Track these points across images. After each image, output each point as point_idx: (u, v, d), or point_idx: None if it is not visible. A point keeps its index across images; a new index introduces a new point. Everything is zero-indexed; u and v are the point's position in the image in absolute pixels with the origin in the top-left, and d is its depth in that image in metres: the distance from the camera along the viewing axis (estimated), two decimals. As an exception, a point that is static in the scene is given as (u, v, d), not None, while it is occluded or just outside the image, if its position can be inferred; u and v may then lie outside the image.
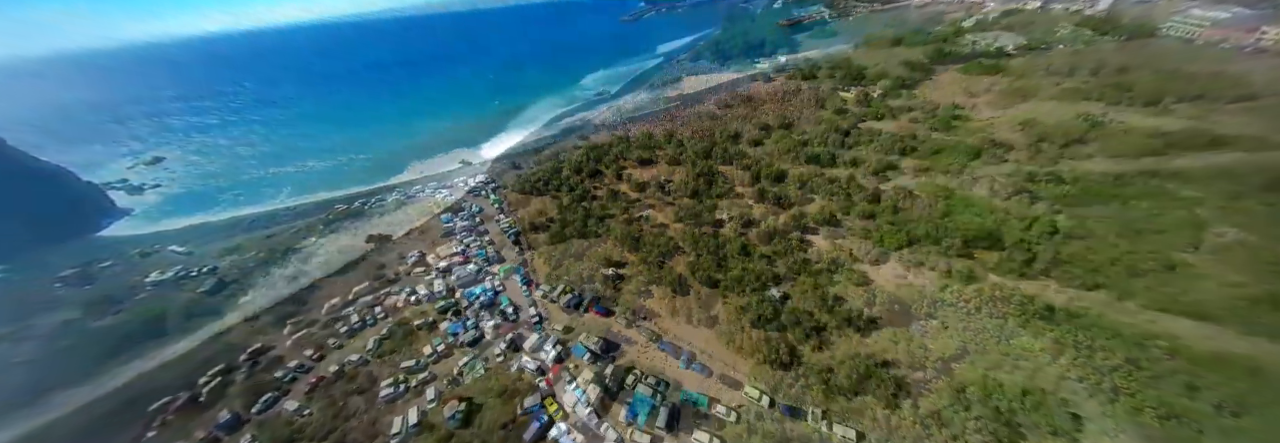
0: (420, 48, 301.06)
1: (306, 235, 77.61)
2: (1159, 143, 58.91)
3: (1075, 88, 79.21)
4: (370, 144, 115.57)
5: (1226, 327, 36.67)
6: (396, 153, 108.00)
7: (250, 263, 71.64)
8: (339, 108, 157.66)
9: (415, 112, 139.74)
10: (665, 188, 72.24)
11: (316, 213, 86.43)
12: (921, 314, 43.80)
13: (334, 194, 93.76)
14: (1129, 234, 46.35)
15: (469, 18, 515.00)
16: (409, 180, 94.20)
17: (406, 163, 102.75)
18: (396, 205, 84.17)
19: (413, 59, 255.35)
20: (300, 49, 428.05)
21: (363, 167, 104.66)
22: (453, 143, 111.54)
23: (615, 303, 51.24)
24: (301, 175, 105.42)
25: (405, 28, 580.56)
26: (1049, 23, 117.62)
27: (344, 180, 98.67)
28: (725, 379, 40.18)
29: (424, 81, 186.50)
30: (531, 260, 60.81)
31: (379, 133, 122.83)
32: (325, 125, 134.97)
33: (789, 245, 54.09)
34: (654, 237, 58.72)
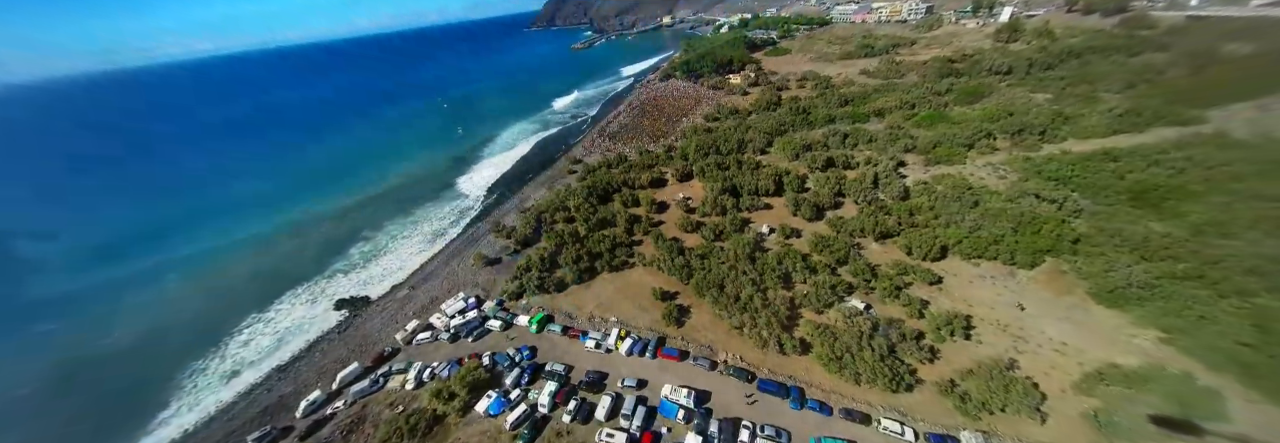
0: (351, 80, 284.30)
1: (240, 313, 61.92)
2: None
3: (837, 49, 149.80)
4: (324, 194, 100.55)
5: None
6: (359, 199, 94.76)
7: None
8: (248, 160, 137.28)
9: (371, 154, 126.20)
10: (690, 207, 69.52)
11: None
12: (1007, 304, 43.52)
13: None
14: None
15: (399, 49, 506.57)
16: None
17: (369, 208, 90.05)
18: (365, 258, 72.13)
19: (345, 94, 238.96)
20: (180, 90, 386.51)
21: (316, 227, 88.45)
22: (425, 180, 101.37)
23: (684, 341, 45.55)
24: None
25: (331, 58, 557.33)
26: (775, 23, 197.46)
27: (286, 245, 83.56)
28: (850, 415, 35.70)
29: (371, 118, 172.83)
30: (563, 305, 53.42)
31: (333, 180, 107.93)
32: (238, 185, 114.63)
33: (847, 252, 52.82)
34: (696, 259, 54.73)
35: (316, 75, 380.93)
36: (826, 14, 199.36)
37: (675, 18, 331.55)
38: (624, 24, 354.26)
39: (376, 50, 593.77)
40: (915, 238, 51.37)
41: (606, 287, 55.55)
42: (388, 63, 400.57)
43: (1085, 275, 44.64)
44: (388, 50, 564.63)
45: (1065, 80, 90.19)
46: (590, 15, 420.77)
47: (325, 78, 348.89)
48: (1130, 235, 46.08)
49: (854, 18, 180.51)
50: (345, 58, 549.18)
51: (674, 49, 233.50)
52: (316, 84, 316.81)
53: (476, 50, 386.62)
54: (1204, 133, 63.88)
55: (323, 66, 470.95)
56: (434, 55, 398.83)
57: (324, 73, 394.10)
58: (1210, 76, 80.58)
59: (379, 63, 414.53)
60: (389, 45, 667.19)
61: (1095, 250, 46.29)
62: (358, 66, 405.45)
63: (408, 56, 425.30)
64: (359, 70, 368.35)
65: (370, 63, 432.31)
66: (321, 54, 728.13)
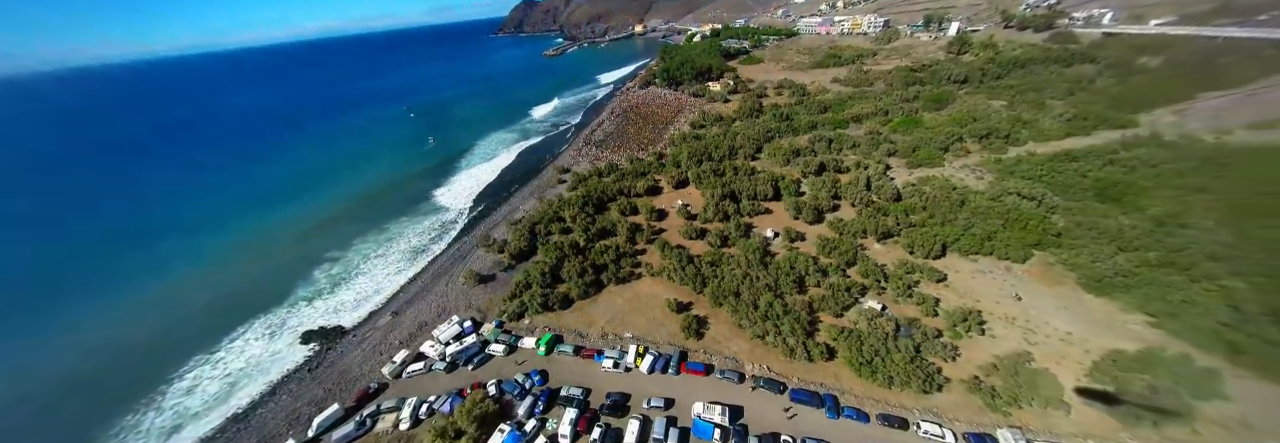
0: (305, 86, 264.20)
1: (183, 355, 53.08)
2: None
3: (807, 59, 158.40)
4: (281, 211, 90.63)
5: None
6: (324, 217, 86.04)
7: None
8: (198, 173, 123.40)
9: (334, 166, 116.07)
10: (691, 213, 68.93)
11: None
12: (1009, 297, 45.72)
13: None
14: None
15: (353, 54, 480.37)
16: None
17: (339, 229, 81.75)
18: (333, 282, 64.98)
19: (300, 100, 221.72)
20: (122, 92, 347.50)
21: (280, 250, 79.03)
22: (397, 194, 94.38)
23: (707, 354, 43.95)
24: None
25: (281, 62, 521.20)
26: (746, 33, 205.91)
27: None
28: (888, 420, 35.36)
29: (332, 127, 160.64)
30: (571, 323, 50.33)
31: (291, 195, 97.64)
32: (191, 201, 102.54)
33: (854, 254, 53.89)
34: (707, 267, 53.78)
35: (266, 80, 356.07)
36: (793, 26, 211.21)
37: (647, 26, 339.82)
38: (596, 32, 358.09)
39: (327, 55, 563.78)
40: (918, 237, 53.35)
41: (615, 300, 53.14)
42: (342, 68, 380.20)
43: (1072, 267, 47.98)
44: (340, 56, 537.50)
45: (1014, 89, 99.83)
46: (560, 22, 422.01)
47: (277, 83, 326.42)
48: (1106, 228, 50.31)
49: (819, 30, 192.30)
50: (295, 62, 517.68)
51: (649, 57, 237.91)
52: (267, 89, 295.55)
53: (440, 56, 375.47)
54: (1142, 135, 72.16)
55: (272, 71, 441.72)
56: (393, 61, 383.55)
57: (274, 77, 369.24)
58: (1133, 85, 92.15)
59: (332, 68, 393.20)
60: (340, 50, 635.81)
61: (1078, 243, 50.03)
62: (310, 71, 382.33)
63: (363, 62, 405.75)
64: (312, 75, 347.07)
65: (323, 68, 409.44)
66: (268, 58, 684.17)
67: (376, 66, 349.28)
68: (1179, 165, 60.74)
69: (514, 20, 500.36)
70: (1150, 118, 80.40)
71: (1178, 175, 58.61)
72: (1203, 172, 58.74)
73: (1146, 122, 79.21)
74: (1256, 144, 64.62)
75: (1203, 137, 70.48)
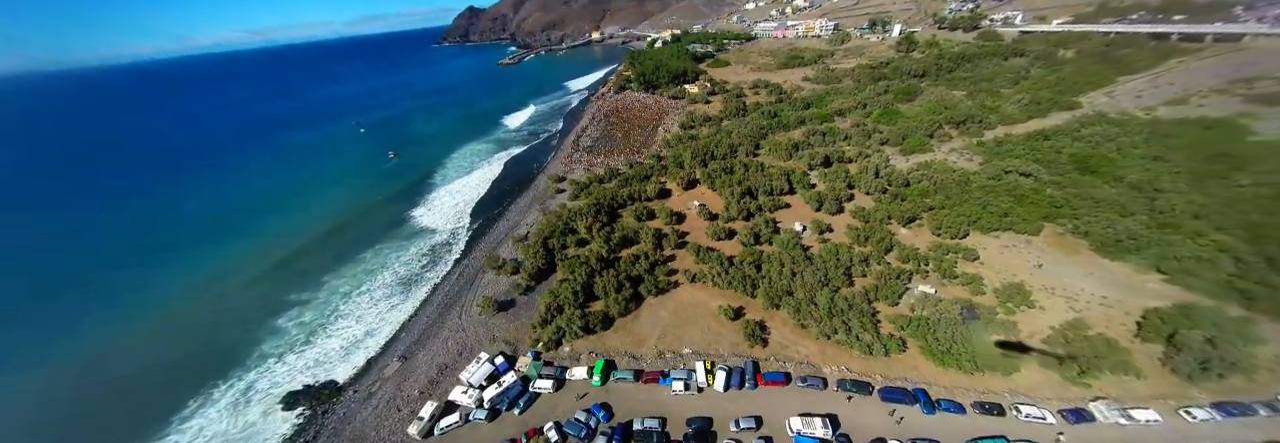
0: (229, 101, 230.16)
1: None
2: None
3: (772, 61, 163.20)
4: (223, 250, 75.47)
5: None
6: (281, 252, 73.17)
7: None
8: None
9: (283, 192, 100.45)
10: (712, 213, 67.15)
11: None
12: (1037, 269, 48.29)
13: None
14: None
15: (275, 67, 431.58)
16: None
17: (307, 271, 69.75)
18: (307, 329, 54.73)
19: (228, 117, 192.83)
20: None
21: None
22: (368, 218, 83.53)
23: (778, 362, 41.57)
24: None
25: (195, 75, 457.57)
26: (708, 38, 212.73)
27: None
28: (984, 408, 34.88)
29: (271, 146, 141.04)
30: (617, 344, 45.83)
31: (233, 230, 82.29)
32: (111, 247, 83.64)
33: (888, 240, 54.71)
34: (750, 268, 51.93)
35: (177, 97, 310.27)
36: (750, 30, 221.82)
37: (604, 33, 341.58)
38: (551, 39, 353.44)
39: (240, 70, 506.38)
40: (943, 218, 55.36)
41: (659, 313, 49.43)
42: (265, 84, 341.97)
43: (1083, 234, 51.95)
44: (256, 70, 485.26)
45: (968, 80, 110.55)
46: (510, 30, 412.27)
47: (191, 100, 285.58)
48: (1100, 197, 55.27)
49: (775, 33, 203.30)
50: (203, 78, 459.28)
51: (613, 63, 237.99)
52: (186, 104, 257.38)
53: (381, 68, 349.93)
54: (1090, 114, 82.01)
55: (180, 87, 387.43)
56: (327, 75, 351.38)
57: (186, 94, 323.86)
58: (1065, 73, 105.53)
59: (253, 84, 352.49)
60: (254, 65, 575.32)
61: (1081, 212, 54.41)
62: (229, 87, 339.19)
63: (288, 77, 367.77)
64: (232, 92, 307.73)
65: (243, 83, 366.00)
66: (181, 70, 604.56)
67: (306, 81, 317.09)
68: (1132, 139, 69.20)
69: (459, 29, 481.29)
70: (1087, 99, 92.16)
71: (1134, 147, 66.68)
72: (1152, 143, 67.38)
73: (1086, 103, 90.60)
74: (1179, 118, 75.76)
75: (1135, 113, 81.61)
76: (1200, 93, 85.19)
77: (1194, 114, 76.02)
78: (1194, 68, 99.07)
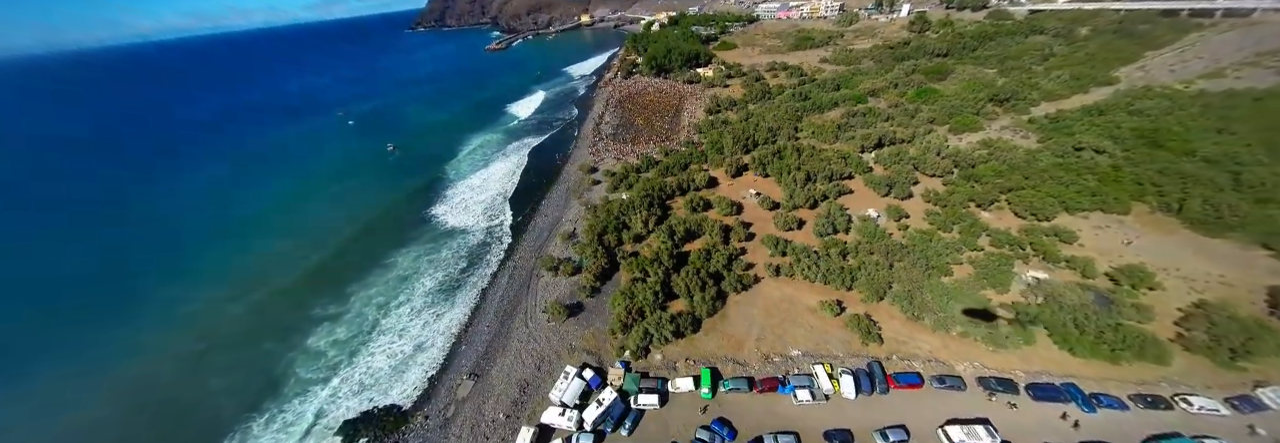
0: (193, 94, 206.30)
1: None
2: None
3: (780, 42, 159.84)
4: (225, 267, 65.98)
5: None
6: (294, 264, 64.64)
7: None
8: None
9: (279, 193, 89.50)
10: (775, 203, 62.87)
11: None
12: (1140, 248, 46.32)
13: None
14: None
15: (236, 55, 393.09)
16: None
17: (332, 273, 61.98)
18: (346, 349, 48.08)
19: (196, 110, 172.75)
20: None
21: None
22: (385, 218, 75.36)
23: (901, 360, 38.22)
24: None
25: (145, 65, 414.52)
26: (709, 20, 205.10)
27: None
28: (1145, 401, 32.43)
29: (253, 142, 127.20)
30: (713, 349, 41.54)
31: (233, 241, 72.28)
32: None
33: (973, 225, 51.81)
34: (839, 258, 48.18)
35: (136, 86, 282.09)
36: (750, 12, 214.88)
37: (594, 16, 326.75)
38: (538, 23, 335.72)
39: (197, 59, 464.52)
40: (1031, 199, 52.72)
41: (749, 311, 45.30)
42: (229, 72, 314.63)
43: (1174, 212, 50.24)
44: (214, 59, 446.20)
45: (994, 58, 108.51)
46: (492, 14, 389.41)
47: (151, 89, 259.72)
48: (1188, 172, 53.49)
49: (779, 15, 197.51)
50: (158, 65, 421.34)
51: (610, 47, 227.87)
52: (139, 97, 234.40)
53: (354, 55, 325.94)
54: (1136, 88, 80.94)
55: (135, 75, 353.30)
56: (294, 63, 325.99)
57: (144, 83, 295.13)
58: (1091, 50, 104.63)
59: (215, 72, 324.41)
60: (210, 53, 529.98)
61: (1168, 189, 52.62)
62: (188, 76, 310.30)
63: (251, 65, 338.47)
64: (193, 80, 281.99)
65: (203, 71, 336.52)
66: (123, 59, 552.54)
67: (273, 71, 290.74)
68: (1188, 111, 68.23)
69: (433, 13, 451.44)
70: (1122, 74, 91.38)
71: (1192, 119, 65.65)
72: (1209, 116, 66.47)
73: (1123, 77, 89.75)
74: (1223, 90, 75.32)
75: (1176, 86, 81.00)
76: (1233, 65, 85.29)
77: (1238, 86, 75.71)
78: (1216, 41, 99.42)
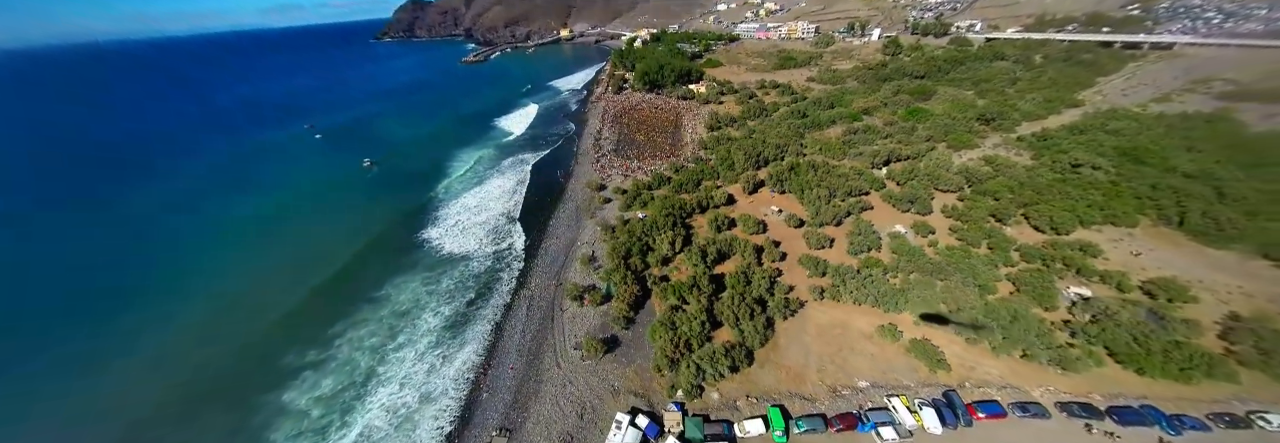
0: (131, 100, 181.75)
1: None
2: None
3: (764, 61, 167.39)
4: (170, 306, 55.83)
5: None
6: (256, 303, 55.71)
7: None
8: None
9: (244, 215, 79.26)
10: (800, 221, 61.98)
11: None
12: (1158, 261, 48.55)
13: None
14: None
15: (181, 61, 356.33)
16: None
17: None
18: (338, 408, 40.65)
19: (135, 119, 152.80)
20: None
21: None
22: (369, 242, 67.47)
23: (973, 388, 36.61)
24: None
25: (68, 70, 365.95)
26: (691, 38, 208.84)
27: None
28: (1224, 421, 32.14)
29: (204, 155, 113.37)
30: (772, 384, 38.31)
31: (180, 274, 62.08)
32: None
33: (1004, 240, 52.81)
34: (879, 277, 47.13)
35: (64, 91, 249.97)
36: (730, 31, 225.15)
37: (574, 31, 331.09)
38: (516, 36, 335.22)
39: (140, 60, 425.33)
40: (1051, 213, 54.68)
41: (802, 340, 42.75)
42: (176, 77, 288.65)
43: (1176, 225, 53.62)
44: (160, 61, 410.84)
45: (968, 80, 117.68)
46: (465, 26, 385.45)
47: (84, 94, 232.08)
48: (1180, 186, 57.70)
49: (758, 35, 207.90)
50: (91, 69, 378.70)
51: (593, 62, 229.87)
52: (70, 105, 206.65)
53: (317, 65, 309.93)
54: (1104, 110, 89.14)
55: (62, 79, 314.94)
56: (250, 70, 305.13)
57: (76, 86, 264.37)
58: (1051, 75, 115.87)
59: (162, 77, 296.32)
60: (151, 56, 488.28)
61: (1164, 202, 56.36)
62: (128, 82, 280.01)
63: (202, 71, 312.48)
64: (133, 87, 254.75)
65: (146, 77, 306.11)
66: (45, 62, 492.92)
67: (227, 78, 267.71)
68: (1154, 131, 75.36)
69: (402, 23, 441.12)
70: (1084, 97, 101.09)
71: (1162, 139, 72.38)
72: (1174, 135, 73.65)
73: (1086, 101, 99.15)
74: (1178, 113, 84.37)
75: (1134, 109, 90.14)
76: (1175, 91, 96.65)
77: (1187, 109, 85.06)
78: (1152, 70, 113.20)
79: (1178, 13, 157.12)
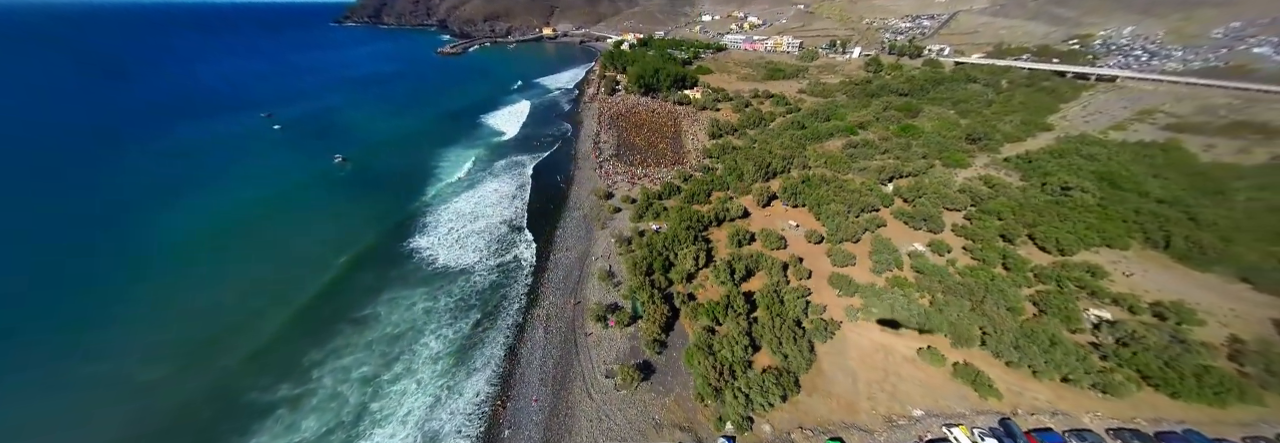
0: (50, 81, 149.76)
1: None
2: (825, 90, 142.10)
3: (753, 72, 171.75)
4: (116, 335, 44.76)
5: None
6: (222, 320, 46.19)
7: None
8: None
9: (203, 212, 67.09)
10: (820, 237, 61.10)
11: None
12: (1156, 285, 51.69)
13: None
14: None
15: (87, 37, 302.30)
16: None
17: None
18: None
19: (51, 104, 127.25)
20: None
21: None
22: (346, 250, 59.03)
23: (1024, 415, 36.11)
24: None
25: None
26: (679, 45, 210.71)
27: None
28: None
29: (151, 148, 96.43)
30: (824, 413, 36.03)
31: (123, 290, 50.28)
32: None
33: (1027, 264, 54.30)
34: (915, 297, 46.67)
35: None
36: (717, 41, 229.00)
37: (557, 30, 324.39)
38: (496, 31, 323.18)
39: (39, 29, 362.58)
40: (1060, 235, 57.05)
41: (846, 364, 40.99)
42: (96, 53, 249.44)
43: (1161, 248, 57.66)
44: (68, 32, 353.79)
45: (948, 100, 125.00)
46: (440, 16, 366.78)
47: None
48: (1159, 212, 62.46)
49: (745, 46, 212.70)
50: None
51: (580, 61, 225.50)
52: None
53: (269, 47, 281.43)
54: (1073, 135, 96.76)
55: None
56: (188, 48, 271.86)
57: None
58: (1021, 99, 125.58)
59: (73, 51, 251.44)
60: (50, 27, 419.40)
61: (1149, 226, 60.67)
62: (30, 56, 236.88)
63: (126, 46, 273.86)
64: (37, 62, 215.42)
65: (52, 50, 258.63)
66: None
67: (159, 56, 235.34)
68: (1121, 158, 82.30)
69: (368, 8, 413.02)
70: (1052, 122, 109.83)
71: (1130, 164, 79.05)
72: (1140, 162, 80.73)
73: (1056, 125, 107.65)
74: (1135, 141, 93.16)
75: (1096, 136, 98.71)
76: (1126, 120, 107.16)
77: (1135, 138, 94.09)
78: (1103, 100, 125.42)
79: (1111, 49, 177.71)
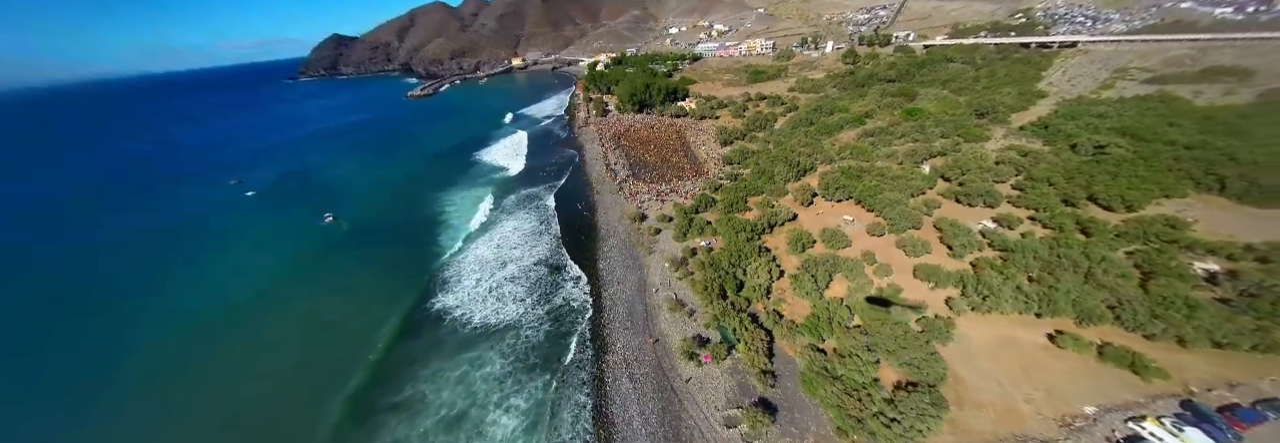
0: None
1: None
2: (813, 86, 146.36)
3: (736, 77, 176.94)
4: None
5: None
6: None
7: None
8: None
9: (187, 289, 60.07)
10: (880, 231, 59.51)
11: None
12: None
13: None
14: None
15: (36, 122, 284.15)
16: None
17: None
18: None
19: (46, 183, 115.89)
20: None
21: None
22: (369, 302, 53.59)
23: (1203, 393, 33.53)
24: None
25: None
26: (657, 59, 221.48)
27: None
28: None
29: (135, 222, 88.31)
30: (978, 429, 32.58)
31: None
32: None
33: (1096, 227, 53.66)
34: (1018, 279, 44.79)
35: None
36: (691, 51, 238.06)
37: (526, 60, 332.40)
38: (464, 67, 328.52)
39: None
40: (1124, 191, 57.05)
41: (978, 366, 38.13)
42: (47, 131, 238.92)
43: (1217, 191, 58.28)
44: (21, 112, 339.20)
45: (937, 81, 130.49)
46: (401, 60, 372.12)
47: None
48: (1199, 157, 63.66)
49: (719, 53, 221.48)
50: None
51: (560, 88, 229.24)
52: None
53: (229, 109, 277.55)
54: (1071, 98, 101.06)
55: None
56: (143, 120, 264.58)
57: None
58: (1004, 73, 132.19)
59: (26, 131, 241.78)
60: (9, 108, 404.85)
61: (1194, 171, 61.53)
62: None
63: (81, 123, 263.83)
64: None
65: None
66: None
67: (113, 130, 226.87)
68: (1130, 113, 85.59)
69: (323, 60, 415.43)
70: (1044, 88, 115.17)
71: (1140, 117, 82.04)
72: (1147, 115, 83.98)
73: (1049, 92, 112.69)
74: (1132, 96, 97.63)
75: (1091, 96, 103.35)
76: (1109, 80, 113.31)
77: (1128, 94, 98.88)
78: (1075, 63, 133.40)
79: (1055, 19, 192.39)
